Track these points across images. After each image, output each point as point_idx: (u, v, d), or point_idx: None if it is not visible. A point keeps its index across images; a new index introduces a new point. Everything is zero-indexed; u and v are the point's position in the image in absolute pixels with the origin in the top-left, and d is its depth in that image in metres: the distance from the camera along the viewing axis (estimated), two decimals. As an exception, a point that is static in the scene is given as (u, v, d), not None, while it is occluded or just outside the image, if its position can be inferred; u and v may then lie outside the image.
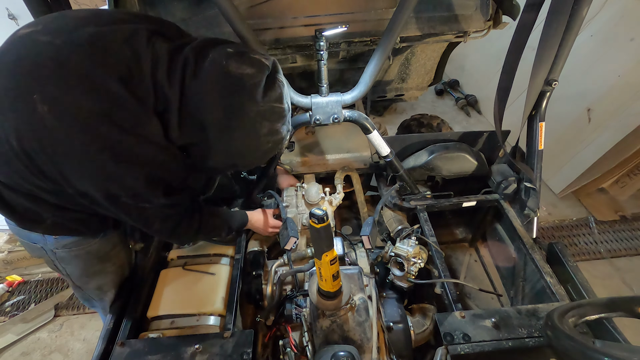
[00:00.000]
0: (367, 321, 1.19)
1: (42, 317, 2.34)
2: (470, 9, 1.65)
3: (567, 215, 2.85)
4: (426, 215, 1.70)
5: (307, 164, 2.00)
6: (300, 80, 2.14)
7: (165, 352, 1.17)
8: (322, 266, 1.00)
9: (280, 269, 1.53)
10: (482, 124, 3.84)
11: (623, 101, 2.50)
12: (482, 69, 3.98)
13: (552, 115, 1.75)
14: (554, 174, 2.97)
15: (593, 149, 2.66)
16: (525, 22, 1.42)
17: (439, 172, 1.78)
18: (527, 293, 1.57)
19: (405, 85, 2.44)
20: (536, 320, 1.20)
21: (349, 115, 1.54)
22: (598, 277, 2.39)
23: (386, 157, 1.65)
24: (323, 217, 0.90)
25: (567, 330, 0.93)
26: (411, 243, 1.48)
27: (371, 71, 1.47)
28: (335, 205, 1.80)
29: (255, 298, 1.48)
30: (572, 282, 1.38)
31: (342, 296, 1.13)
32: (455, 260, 2.13)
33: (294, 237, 1.43)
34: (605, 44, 2.64)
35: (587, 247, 2.59)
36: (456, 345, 1.14)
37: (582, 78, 2.73)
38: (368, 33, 1.62)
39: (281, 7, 1.53)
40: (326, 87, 1.50)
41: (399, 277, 1.45)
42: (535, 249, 1.53)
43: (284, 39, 1.58)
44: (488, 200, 1.76)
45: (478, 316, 1.22)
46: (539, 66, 1.41)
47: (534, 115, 1.58)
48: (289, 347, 1.25)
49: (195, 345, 1.16)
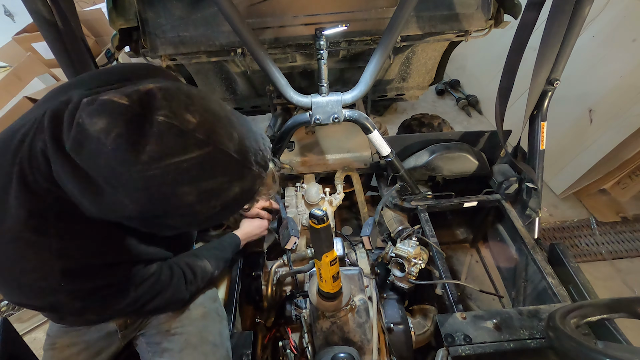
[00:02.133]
0: (367, 322, 1.19)
1: (38, 316, 2.32)
2: (471, 7, 1.64)
3: (569, 216, 2.83)
4: (427, 216, 1.69)
5: (307, 164, 1.99)
6: (300, 79, 2.13)
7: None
8: (322, 267, 1.00)
9: (280, 270, 1.52)
10: (483, 124, 3.82)
11: (625, 102, 2.49)
12: (483, 69, 3.97)
13: (554, 115, 1.74)
14: (555, 175, 2.96)
15: (594, 150, 2.65)
16: (526, 21, 1.41)
17: (440, 172, 1.77)
18: (529, 294, 1.56)
19: (405, 85, 2.43)
20: (538, 321, 1.20)
21: (349, 114, 1.53)
22: (599, 279, 2.37)
23: (387, 157, 1.64)
24: (323, 217, 0.89)
25: (569, 332, 0.93)
26: (412, 244, 1.47)
27: (372, 70, 1.46)
28: (336, 205, 1.80)
29: (254, 299, 1.47)
30: (574, 283, 1.37)
31: (342, 297, 1.12)
32: (456, 260, 2.12)
33: (295, 236, 1.42)
34: (607, 44, 2.63)
35: (589, 248, 2.58)
36: (457, 347, 1.13)
37: (584, 79, 2.72)
38: (368, 32, 1.61)
39: (281, 5, 1.53)
40: (326, 87, 1.50)
41: (400, 278, 1.45)
42: (537, 250, 1.52)
43: (283, 38, 1.58)
44: (489, 201, 1.75)
45: (479, 317, 1.21)
46: (540, 65, 1.40)
47: (535, 115, 1.58)
48: (288, 349, 1.24)
49: (194, 346, 1.15)
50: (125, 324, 1.15)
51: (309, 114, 1.51)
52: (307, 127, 2.12)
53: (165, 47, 1.56)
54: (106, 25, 2.32)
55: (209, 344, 1.10)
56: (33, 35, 3.05)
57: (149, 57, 1.59)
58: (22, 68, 2.77)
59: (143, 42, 1.56)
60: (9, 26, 3.12)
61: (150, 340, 1.15)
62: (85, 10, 3.35)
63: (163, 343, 1.11)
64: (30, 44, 3.06)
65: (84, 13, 3.30)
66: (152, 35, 1.55)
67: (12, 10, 3.14)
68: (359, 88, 1.50)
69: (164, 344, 1.11)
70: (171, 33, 1.55)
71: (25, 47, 3.06)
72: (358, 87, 1.50)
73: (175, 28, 1.54)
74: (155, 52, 1.56)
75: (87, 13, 3.30)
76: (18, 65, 2.79)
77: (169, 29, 1.54)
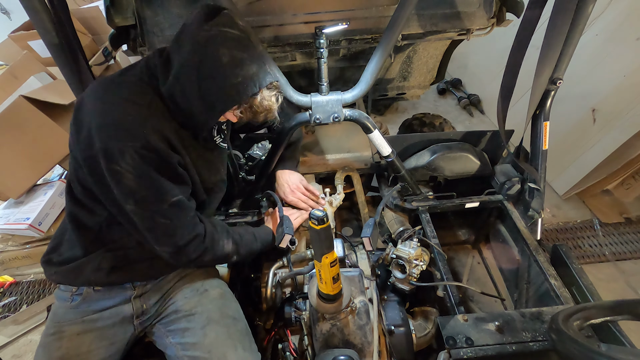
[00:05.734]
0: (367, 324, 1.18)
1: (35, 318, 2.31)
2: (473, 6, 1.63)
3: (572, 217, 2.82)
4: (428, 217, 1.68)
5: (306, 164, 1.98)
6: (300, 78, 2.13)
7: (163, 356, 1.17)
8: (322, 268, 0.99)
9: (280, 272, 1.51)
10: (485, 124, 3.81)
11: (629, 101, 2.47)
12: (485, 68, 3.95)
13: (557, 115, 1.73)
14: (558, 175, 2.94)
15: (598, 150, 2.63)
16: (529, 20, 1.40)
17: (442, 172, 1.76)
18: (531, 296, 1.55)
19: (407, 84, 2.43)
20: (540, 323, 1.18)
21: (350, 114, 1.52)
22: (603, 280, 2.36)
23: (387, 157, 1.62)
24: (323, 218, 0.88)
25: (572, 334, 0.92)
26: (413, 245, 1.46)
27: (372, 69, 1.45)
28: (336, 206, 1.78)
29: (253, 301, 1.46)
30: (577, 285, 1.36)
31: (342, 299, 1.11)
32: (457, 262, 2.11)
33: (289, 234, 1.40)
34: (610, 43, 2.61)
35: (592, 249, 2.56)
36: (459, 349, 1.12)
37: (587, 78, 2.70)
38: (369, 30, 1.60)
39: (281, 4, 1.52)
40: (326, 86, 1.48)
41: (401, 279, 1.43)
42: (540, 251, 1.50)
43: (283, 36, 1.57)
44: (491, 201, 1.74)
45: (481, 319, 1.20)
46: (543, 64, 1.39)
47: (538, 114, 1.56)
48: (288, 351, 1.23)
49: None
50: (142, 309, 1.18)
51: (308, 114, 1.50)
52: (306, 127, 2.10)
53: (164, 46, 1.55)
54: (103, 23, 2.31)
55: (229, 318, 1.20)
56: (29, 33, 3.02)
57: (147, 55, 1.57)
58: (18, 66, 2.75)
59: (141, 41, 1.55)
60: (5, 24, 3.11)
61: (169, 324, 1.20)
62: (82, 7, 3.32)
63: (182, 323, 1.17)
64: (26, 42, 3.03)
65: (81, 10, 3.27)
66: (150, 33, 1.54)
67: (8, 8, 3.12)
68: (360, 87, 1.48)
69: (183, 324, 1.17)
70: (169, 31, 1.54)
71: (21, 45, 3.03)
72: (358, 86, 1.48)
73: (174, 26, 1.53)
74: (153, 50, 1.55)
75: (85, 10, 3.27)
76: (14, 63, 2.77)
77: (167, 27, 1.53)
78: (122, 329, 1.16)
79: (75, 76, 1.39)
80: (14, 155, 2.45)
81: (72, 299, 1.15)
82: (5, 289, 2.55)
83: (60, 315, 1.15)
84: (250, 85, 1.01)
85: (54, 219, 2.64)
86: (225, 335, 1.14)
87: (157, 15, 1.51)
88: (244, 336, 1.18)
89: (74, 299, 1.15)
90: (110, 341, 1.14)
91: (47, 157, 2.56)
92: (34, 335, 2.26)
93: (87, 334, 1.12)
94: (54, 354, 1.08)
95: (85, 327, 1.12)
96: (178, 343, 1.14)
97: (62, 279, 1.15)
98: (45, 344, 1.11)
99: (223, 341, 1.13)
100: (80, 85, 1.41)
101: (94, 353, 1.11)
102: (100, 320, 1.14)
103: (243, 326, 1.22)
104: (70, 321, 1.13)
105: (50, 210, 2.61)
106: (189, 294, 1.24)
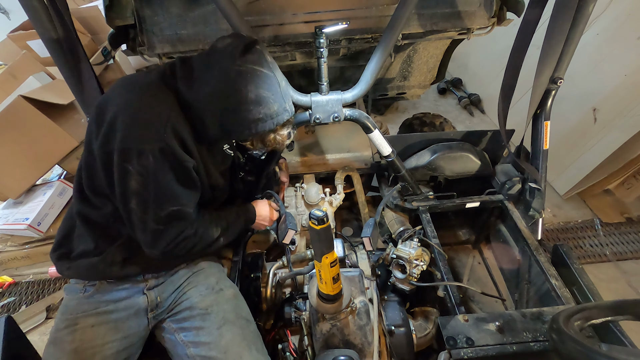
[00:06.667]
0: (368, 325, 1.17)
1: (34, 319, 2.29)
2: (473, 5, 1.62)
3: (572, 217, 2.81)
4: (428, 217, 1.67)
5: (306, 163, 1.97)
6: (300, 78, 2.12)
7: (164, 356, 1.17)
8: (322, 268, 0.99)
9: (279, 272, 1.51)
10: (486, 124, 3.80)
11: (629, 101, 2.46)
12: (486, 67, 3.95)
13: (557, 115, 1.72)
14: (558, 175, 2.93)
15: (599, 150, 2.62)
16: (530, 19, 1.39)
17: (442, 172, 1.75)
18: (532, 296, 1.55)
19: (407, 84, 2.42)
20: (541, 323, 1.18)
21: (350, 114, 1.51)
22: (603, 280, 2.35)
23: (388, 156, 1.62)
24: (323, 218, 0.88)
25: (572, 334, 0.91)
26: (413, 245, 1.45)
27: (372, 69, 1.44)
28: (336, 206, 1.78)
29: (253, 301, 1.45)
30: (578, 285, 1.36)
31: (342, 299, 1.11)
32: (458, 262, 2.10)
33: (292, 229, 1.40)
34: (611, 42, 2.60)
35: (593, 249, 2.56)
36: (459, 350, 1.12)
37: (588, 77, 2.70)
38: (369, 30, 1.59)
39: (280, 3, 1.51)
40: (326, 85, 1.48)
41: (401, 279, 1.43)
42: (540, 251, 1.50)
43: (283, 36, 1.56)
44: (492, 201, 1.73)
45: (482, 320, 1.20)
46: (544, 64, 1.38)
47: (539, 114, 1.56)
48: (288, 352, 1.23)
49: (192, 348, 1.13)
50: (156, 301, 1.19)
51: (308, 113, 1.49)
52: (307, 127, 2.10)
53: (163, 45, 1.55)
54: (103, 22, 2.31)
55: (243, 319, 1.22)
56: (28, 33, 3.00)
57: (147, 55, 1.57)
58: (17, 66, 2.74)
59: (140, 40, 1.54)
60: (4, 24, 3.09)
61: (181, 321, 1.20)
62: (81, 7, 3.31)
63: (197, 322, 1.17)
64: (25, 42, 3.01)
65: (80, 10, 3.25)
66: (149, 33, 1.53)
67: (7, 8, 3.11)
68: (360, 87, 1.48)
69: (197, 322, 1.17)
70: (169, 31, 1.53)
71: (20, 44, 3.02)
72: (359, 86, 1.48)
73: (173, 26, 1.53)
74: (152, 50, 1.55)
75: (84, 10, 3.25)
76: (13, 63, 2.76)
77: (167, 26, 1.53)
78: (136, 322, 1.16)
79: (75, 76, 1.39)
80: (13, 155, 2.44)
81: (85, 290, 1.16)
82: (4, 290, 2.54)
83: (73, 307, 1.14)
84: (269, 123, 1.09)
85: (53, 219, 2.62)
86: (241, 336, 1.15)
87: (156, 15, 1.51)
88: (256, 338, 1.20)
89: (87, 289, 1.16)
90: (124, 334, 1.13)
91: (46, 157, 2.55)
92: (33, 336, 2.24)
93: (101, 325, 1.11)
94: (67, 347, 1.07)
95: (100, 319, 1.12)
96: (190, 342, 1.14)
97: (76, 274, 1.15)
98: (56, 340, 1.10)
99: (239, 342, 1.14)
100: (80, 84, 1.41)
101: (109, 346, 1.10)
102: (116, 312, 1.14)
103: (254, 328, 1.24)
104: (84, 313, 1.12)
105: (50, 211, 2.59)
106: (204, 292, 1.25)
